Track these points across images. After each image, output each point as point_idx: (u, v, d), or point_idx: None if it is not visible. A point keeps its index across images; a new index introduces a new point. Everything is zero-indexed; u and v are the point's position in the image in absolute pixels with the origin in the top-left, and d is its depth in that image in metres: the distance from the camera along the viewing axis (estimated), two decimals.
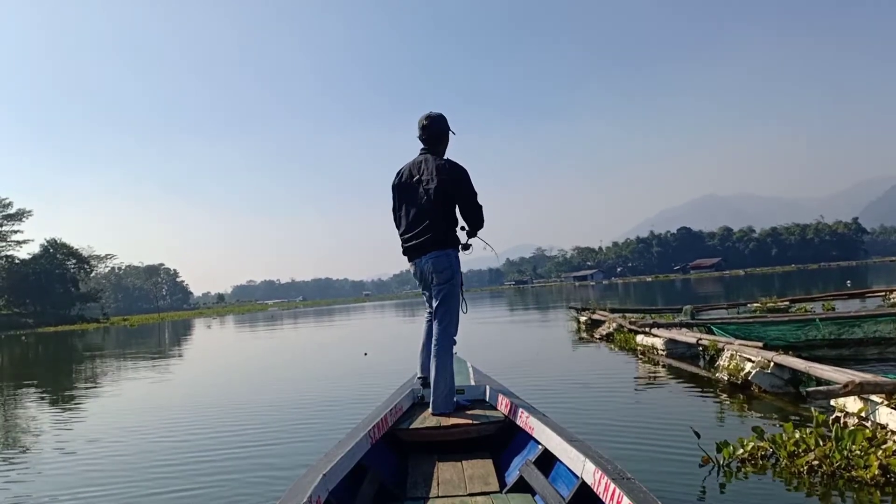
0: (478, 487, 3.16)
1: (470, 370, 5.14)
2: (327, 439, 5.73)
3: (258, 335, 29.56)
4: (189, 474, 5.24)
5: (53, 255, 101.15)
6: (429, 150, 4.37)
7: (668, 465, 4.49)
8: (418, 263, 4.31)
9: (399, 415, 4.02)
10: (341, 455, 2.96)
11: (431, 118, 4.37)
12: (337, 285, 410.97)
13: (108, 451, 6.45)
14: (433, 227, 4.19)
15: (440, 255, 4.20)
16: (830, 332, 9.47)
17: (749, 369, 6.73)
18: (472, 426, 3.82)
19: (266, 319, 51.69)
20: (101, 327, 66.68)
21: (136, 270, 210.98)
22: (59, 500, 4.79)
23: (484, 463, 3.52)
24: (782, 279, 59.18)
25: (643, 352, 10.74)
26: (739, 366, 6.94)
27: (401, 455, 3.77)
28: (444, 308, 4.23)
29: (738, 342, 7.59)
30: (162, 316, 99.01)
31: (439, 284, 4.24)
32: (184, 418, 8.09)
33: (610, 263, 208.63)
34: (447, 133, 4.42)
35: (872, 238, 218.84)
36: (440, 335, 4.19)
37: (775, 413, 5.96)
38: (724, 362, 7.40)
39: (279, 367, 14.06)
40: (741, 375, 6.81)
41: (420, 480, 3.32)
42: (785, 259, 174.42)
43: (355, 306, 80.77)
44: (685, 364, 9.21)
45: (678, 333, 9.82)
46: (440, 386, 4.04)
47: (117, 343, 31.97)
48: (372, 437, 3.46)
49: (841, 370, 5.33)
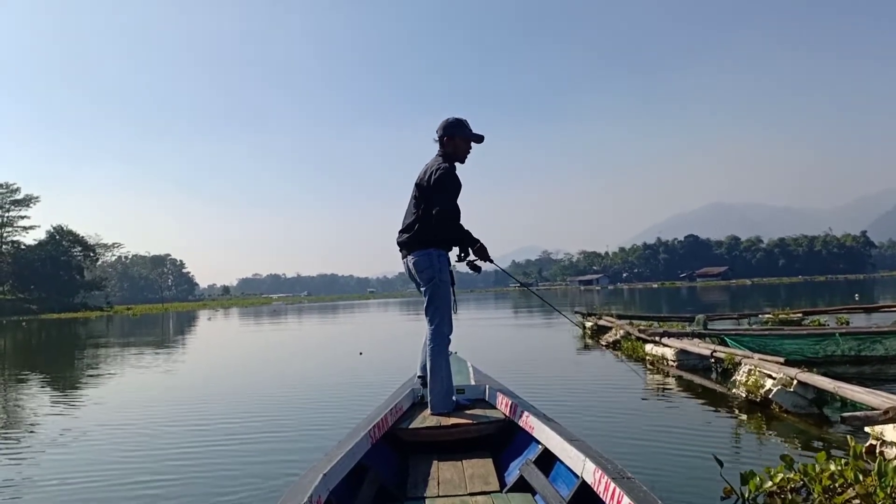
0: (478, 487, 3.16)
1: (470, 370, 5.10)
2: (306, 445, 5.44)
3: (258, 330, 29.22)
4: (185, 471, 5.14)
5: (59, 242, 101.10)
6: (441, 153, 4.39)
7: (685, 494, 4.05)
8: (405, 262, 4.37)
9: (399, 414, 4.01)
10: (342, 455, 2.96)
11: (442, 123, 4.38)
12: (342, 281, 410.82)
13: (100, 442, 6.38)
14: (414, 226, 4.24)
15: (421, 255, 4.23)
16: (850, 347, 9.00)
17: (770, 386, 6.25)
18: (472, 426, 3.82)
19: (269, 314, 51.37)
20: (105, 316, 66.72)
21: (143, 260, 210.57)
22: (48, 490, 4.76)
23: (484, 462, 3.52)
24: (789, 290, 58.71)
25: (652, 362, 10.28)
26: (759, 382, 6.47)
27: (401, 455, 3.77)
28: (433, 307, 4.23)
29: (757, 356, 7.11)
30: (166, 306, 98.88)
31: (423, 284, 4.26)
32: (177, 413, 7.91)
33: (616, 268, 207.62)
34: (443, 137, 4.36)
35: (880, 252, 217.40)
36: (433, 335, 4.19)
37: (798, 436, 5.51)
38: (741, 377, 6.91)
39: (271, 364, 13.65)
40: (760, 393, 6.35)
41: (420, 480, 3.32)
42: (792, 270, 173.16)
43: (359, 303, 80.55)
44: (697, 377, 8.76)
45: (690, 344, 9.36)
46: (436, 386, 4.05)
47: (118, 332, 31.66)
48: (372, 437, 3.45)
49: (873, 392, 4.88)
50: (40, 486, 4.90)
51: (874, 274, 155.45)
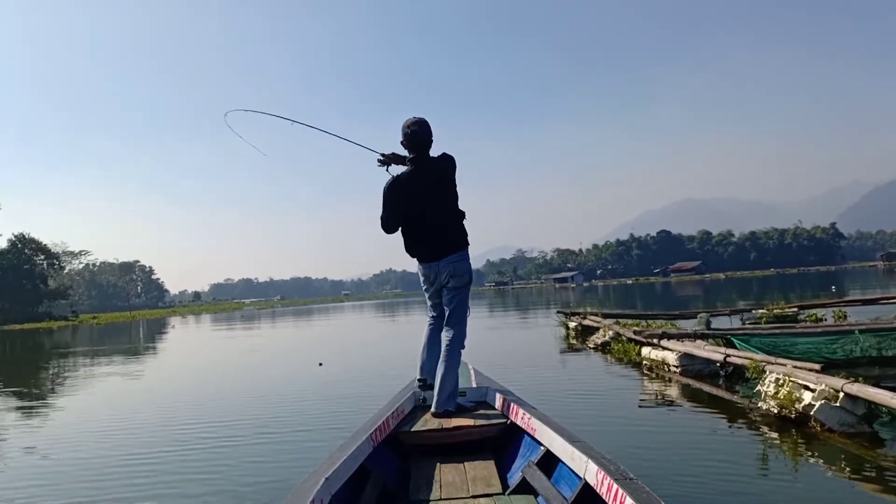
0: (480, 489, 3.11)
1: (471, 372, 4.99)
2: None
3: (223, 336, 27.79)
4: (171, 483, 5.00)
5: (21, 251, 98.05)
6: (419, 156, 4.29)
7: None
8: (432, 267, 4.30)
9: (401, 417, 3.97)
10: (343, 458, 2.92)
11: (419, 124, 4.27)
12: (316, 285, 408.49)
13: (65, 457, 6.16)
14: (447, 227, 4.28)
15: (461, 258, 4.29)
16: (871, 345, 8.05)
17: (809, 401, 5.18)
18: (474, 428, 3.78)
19: (237, 319, 49.81)
20: (69, 325, 64.71)
21: (111, 267, 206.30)
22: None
23: (486, 465, 3.46)
24: (762, 283, 59.04)
25: (651, 367, 9.23)
26: (794, 395, 5.40)
27: (403, 458, 3.71)
28: (460, 311, 4.31)
29: (790, 363, 6.01)
30: (133, 314, 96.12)
31: (456, 288, 4.28)
32: (141, 425, 7.57)
33: (590, 266, 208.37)
34: (431, 137, 4.33)
35: (849, 243, 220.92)
36: (456, 337, 4.22)
37: (849, 463, 4.47)
38: (767, 388, 5.81)
39: (212, 384, 12.39)
40: (797, 408, 5.29)
41: (422, 483, 3.27)
42: (764, 263, 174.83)
43: (334, 306, 79.21)
44: (705, 384, 7.70)
45: (695, 347, 8.31)
46: (446, 386, 4.04)
47: (79, 342, 30.11)
48: (374, 440, 3.40)
49: None
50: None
51: (844, 265, 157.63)
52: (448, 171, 4.26)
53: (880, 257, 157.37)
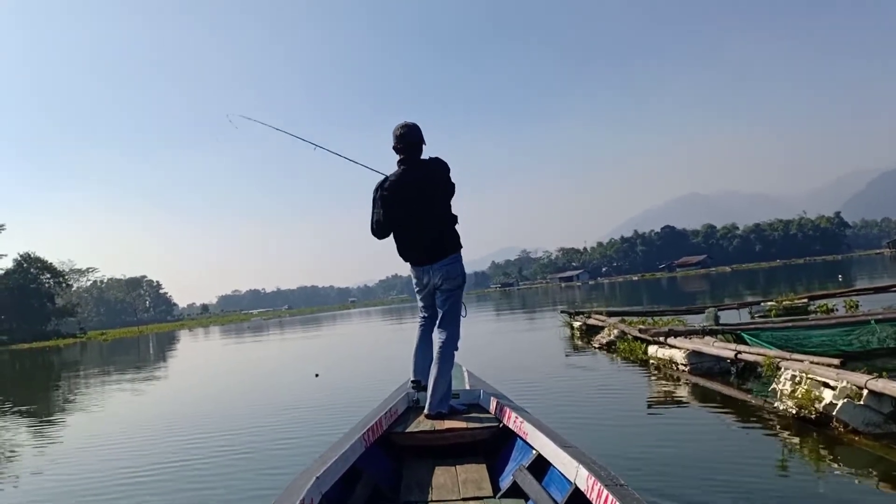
0: (471, 492, 3.10)
1: (465, 374, 4.92)
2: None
3: (226, 350, 27.52)
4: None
5: (27, 270, 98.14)
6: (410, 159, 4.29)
7: None
8: (424, 270, 4.29)
9: (394, 418, 3.98)
10: (335, 458, 2.92)
11: (409, 127, 4.29)
12: (323, 293, 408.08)
13: (73, 472, 6.18)
14: (439, 230, 4.25)
15: (455, 261, 4.26)
16: (889, 335, 7.71)
17: (831, 399, 4.82)
18: (467, 430, 3.75)
19: (244, 331, 49.53)
20: (78, 342, 64.70)
21: (119, 283, 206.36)
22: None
23: (478, 468, 3.44)
24: (768, 275, 58.63)
25: (658, 366, 8.89)
26: (813, 393, 5.05)
27: (395, 459, 3.70)
28: (453, 314, 4.29)
29: (806, 358, 5.65)
30: (141, 329, 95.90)
31: (449, 291, 4.26)
32: (145, 441, 7.47)
33: (595, 264, 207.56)
34: (422, 141, 4.34)
35: (854, 232, 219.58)
36: (449, 340, 4.20)
37: (877, 467, 4.14)
38: (784, 386, 5.46)
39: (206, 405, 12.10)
40: (817, 408, 4.94)
41: (414, 484, 3.26)
42: (769, 255, 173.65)
43: (341, 313, 78.84)
44: (716, 383, 7.35)
45: (704, 344, 7.96)
46: (439, 388, 4.03)
47: (86, 360, 29.95)
48: (366, 441, 3.41)
49: None
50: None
51: (850, 254, 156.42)
52: (440, 175, 4.24)
53: (886, 245, 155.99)
